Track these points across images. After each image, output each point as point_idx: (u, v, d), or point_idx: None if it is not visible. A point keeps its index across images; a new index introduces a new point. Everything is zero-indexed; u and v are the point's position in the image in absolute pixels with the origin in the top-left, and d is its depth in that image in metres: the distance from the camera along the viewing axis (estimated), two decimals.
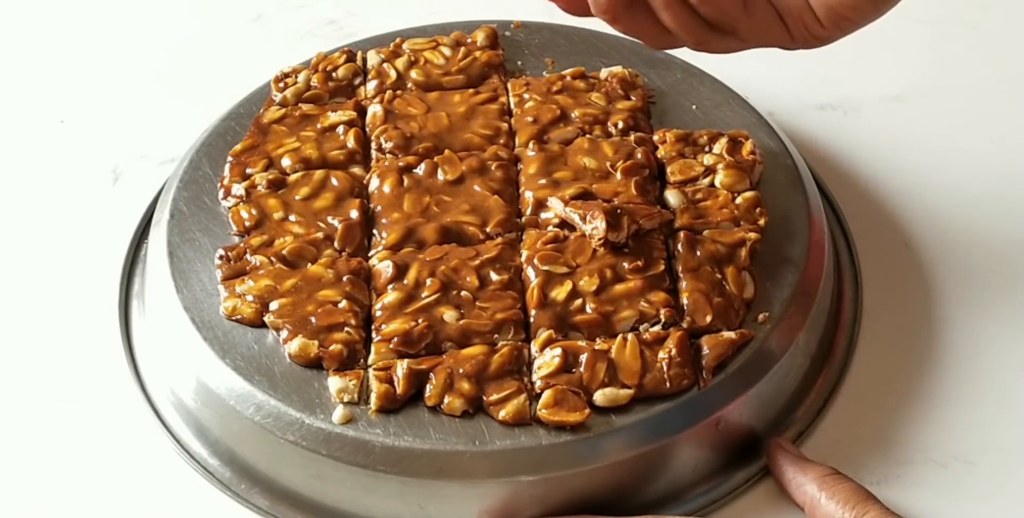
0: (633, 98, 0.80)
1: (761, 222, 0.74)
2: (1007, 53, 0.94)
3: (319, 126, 0.79)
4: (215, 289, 0.72)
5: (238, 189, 0.76)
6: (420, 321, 0.69)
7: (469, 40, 0.84)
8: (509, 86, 0.81)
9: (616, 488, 0.68)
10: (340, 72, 0.83)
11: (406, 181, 0.76)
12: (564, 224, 0.73)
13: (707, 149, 0.77)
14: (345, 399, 0.67)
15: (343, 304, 0.70)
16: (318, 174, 0.77)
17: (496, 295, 0.70)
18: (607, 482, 0.67)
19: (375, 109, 0.80)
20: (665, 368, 0.67)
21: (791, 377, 0.72)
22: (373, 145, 0.79)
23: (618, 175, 0.75)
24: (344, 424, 0.66)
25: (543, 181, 0.75)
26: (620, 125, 0.78)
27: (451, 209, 0.74)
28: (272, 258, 0.73)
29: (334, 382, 0.68)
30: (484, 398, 0.67)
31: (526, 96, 0.80)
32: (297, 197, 0.76)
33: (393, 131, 0.78)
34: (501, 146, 0.78)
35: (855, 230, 0.82)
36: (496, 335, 0.69)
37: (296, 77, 0.83)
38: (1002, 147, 0.87)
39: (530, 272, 0.71)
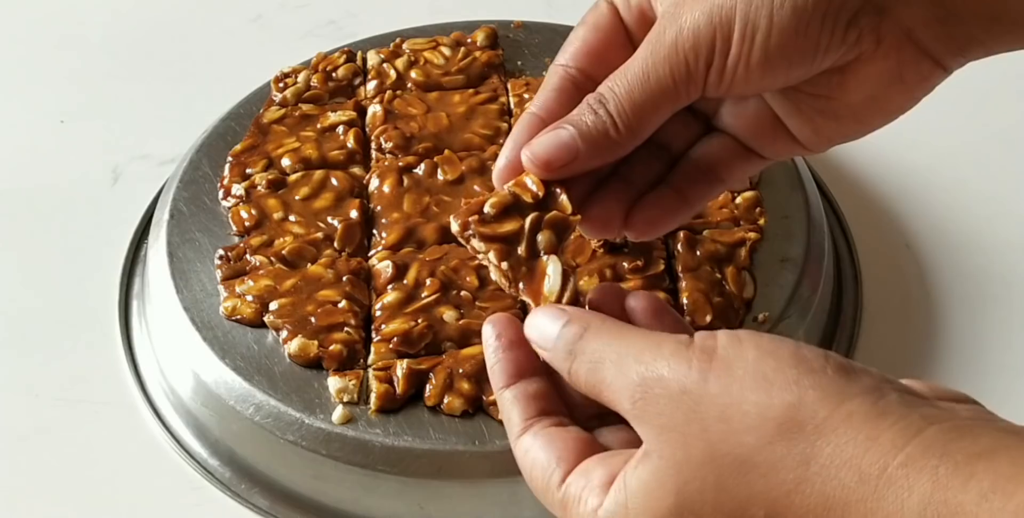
0: None
1: (761, 222, 0.74)
2: (1007, 53, 0.93)
3: (319, 126, 0.80)
4: (215, 289, 0.72)
5: (238, 189, 0.76)
6: (420, 321, 0.69)
7: (469, 40, 0.84)
8: (509, 86, 0.81)
9: None
10: (340, 72, 0.83)
11: (406, 181, 0.76)
12: None
13: None
14: (345, 399, 0.67)
15: (343, 304, 0.70)
16: (318, 174, 0.77)
17: (496, 295, 0.70)
18: None
19: (375, 109, 0.80)
20: None
21: None
22: (373, 145, 0.79)
23: None
24: (344, 424, 0.66)
25: None
26: None
27: (451, 209, 0.74)
28: (272, 258, 0.73)
29: (334, 382, 0.68)
30: (484, 398, 0.67)
31: (526, 96, 0.80)
32: (297, 197, 0.76)
33: (393, 131, 0.78)
34: (501, 146, 0.78)
35: (855, 230, 0.82)
36: None
37: (296, 77, 0.83)
38: (1002, 147, 0.87)
39: None
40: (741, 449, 0.43)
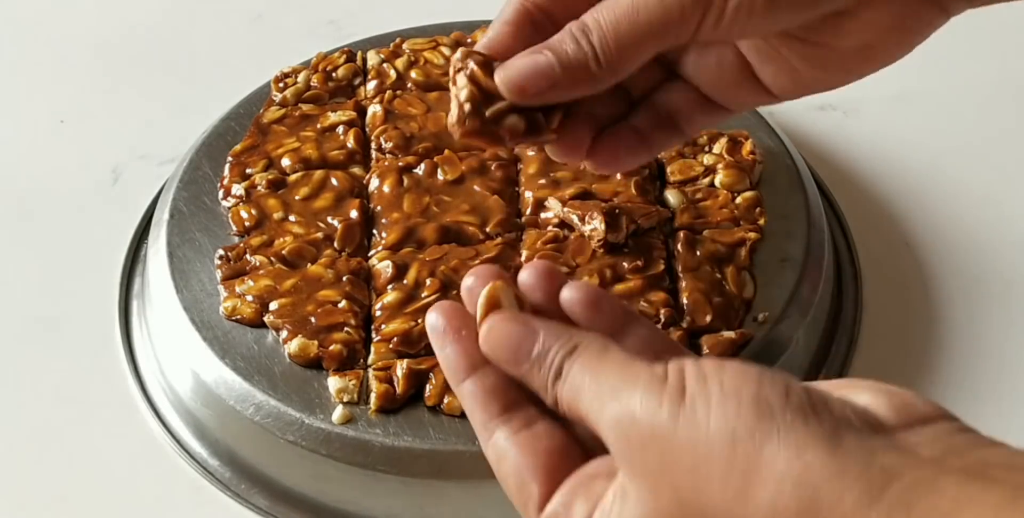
0: None
1: (761, 222, 0.74)
2: (1007, 53, 0.94)
3: (319, 126, 0.80)
4: (215, 289, 0.72)
5: (238, 189, 0.76)
6: (420, 321, 0.69)
7: (469, 40, 0.84)
8: None
9: None
10: (340, 72, 0.83)
11: (406, 181, 0.76)
12: (564, 224, 0.73)
13: (707, 149, 0.77)
14: (345, 399, 0.67)
15: (343, 304, 0.70)
16: (318, 174, 0.77)
17: None
18: None
19: (375, 109, 0.80)
20: None
21: None
22: (373, 145, 0.79)
23: (618, 175, 0.75)
24: (344, 424, 0.66)
25: (543, 181, 0.75)
26: None
27: (451, 209, 0.74)
28: (272, 258, 0.73)
29: (334, 382, 0.68)
30: None
31: None
32: (297, 197, 0.76)
33: (393, 131, 0.78)
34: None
35: (855, 230, 0.82)
36: None
37: (296, 77, 0.83)
38: (1002, 147, 0.87)
39: None
40: (707, 500, 0.41)
